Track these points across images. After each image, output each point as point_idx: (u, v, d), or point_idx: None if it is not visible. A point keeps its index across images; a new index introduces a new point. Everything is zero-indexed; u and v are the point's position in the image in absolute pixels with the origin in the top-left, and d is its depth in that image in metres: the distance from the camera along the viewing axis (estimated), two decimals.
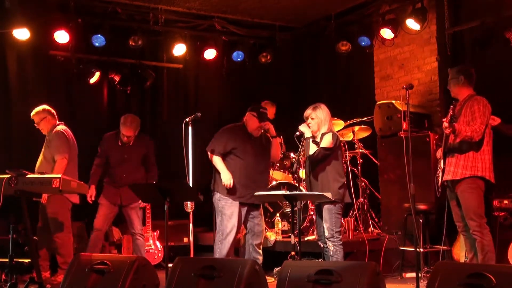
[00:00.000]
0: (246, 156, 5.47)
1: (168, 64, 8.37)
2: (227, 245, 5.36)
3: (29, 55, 7.34)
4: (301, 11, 8.05)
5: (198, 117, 5.49)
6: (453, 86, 5.15)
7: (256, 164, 5.51)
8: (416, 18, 6.89)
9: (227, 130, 5.59)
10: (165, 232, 4.62)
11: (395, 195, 6.73)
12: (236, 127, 5.62)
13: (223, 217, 5.42)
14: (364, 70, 8.09)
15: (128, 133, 6.12)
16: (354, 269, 3.49)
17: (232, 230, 5.37)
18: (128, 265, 3.96)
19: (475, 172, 4.88)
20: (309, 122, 5.24)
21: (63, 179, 4.87)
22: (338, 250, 5.11)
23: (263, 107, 5.70)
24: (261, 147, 5.60)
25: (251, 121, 5.54)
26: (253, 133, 5.54)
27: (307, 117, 5.26)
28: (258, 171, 5.53)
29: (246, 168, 5.45)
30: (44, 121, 6.06)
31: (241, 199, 5.42)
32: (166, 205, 4.57)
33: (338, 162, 5.25)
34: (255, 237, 5.54)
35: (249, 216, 5.54)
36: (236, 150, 5.47)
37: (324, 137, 5.14)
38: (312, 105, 5.32)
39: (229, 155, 5.49)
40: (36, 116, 6.08)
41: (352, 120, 7.01)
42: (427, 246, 6.03)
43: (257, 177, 5.51)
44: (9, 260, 4.86)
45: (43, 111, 6.09)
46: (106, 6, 7.64)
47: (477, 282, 3.11)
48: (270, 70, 8.75)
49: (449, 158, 5.01)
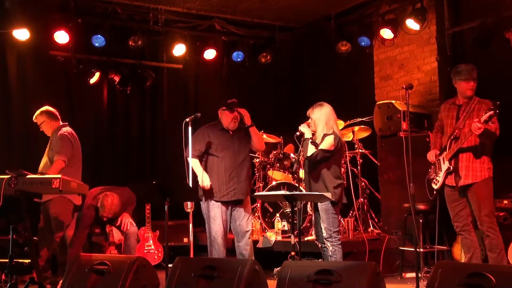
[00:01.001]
0: (223, 153, 5.41)
1: (168, 64, 8.37)
2: (216, 247, 5.32)
3: (29, 55, 7.35)
4: (301, 11, 8.05)
5: (198, 117, 5.48)
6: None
7: (234, 158, 5.43)
8: (416, 18, 6.89)
9: (198, 131, 5.52)
10: (165, 232, 4.62)
11: (395, 195, 6.73)
12: (211, 126, 5.56)
13: (208, 219, 5.40)
14: (364, 70, 8.10)
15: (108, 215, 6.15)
16: (354, 269, 3.49)
17: (218, 232, 5.32)
18: (128, 265, 3.97)
19: (491, 173, 5.05)
20: (309, 121, 5.24)
21: (63, 180, 4.87)
22: (337, 250, 5.08)
23: (231, 99, 5.58)
24: (239, 140, 5.51)
25: (224, 116, 5.48)
26: (229, 127, 5.46)
27: (308, 116, 5.26)
28: (236, 164, 5.43)
29: (224, 165, 5.38)
30: (45, 124, 6.04)
31: (222, 198, 5.36)
32: (166, 205, 4.57)
33: (337, 164, 5.21)
34: (239, 238, 5.47)
35: (231, 217, 5.45)
36: (212, 149, 5.43)
37: (325, 138, 5.08)
38: (316, 103, 5.30)
39: (206, 156, 5.46)
40: (37, 119, 6.08)
41: (352, 120, 7.01)
42: (427, 246, 6.03)
43: (236, 171, 5.41)
44: (9, 260, 4.86)
45: (41, 114, 6.04)
46: (106, 6, 7.65)
47: (477, 282, 3.11)
48: (270, 70, 8.75)
49: (464, 162, 5.06)
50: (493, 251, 4.93)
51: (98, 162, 7.79)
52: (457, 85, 5.21)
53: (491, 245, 4.95)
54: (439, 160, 5.28)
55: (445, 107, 5.38)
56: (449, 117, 5.28)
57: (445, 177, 5.18)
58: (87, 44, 7.48)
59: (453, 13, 7.00)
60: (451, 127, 5.22)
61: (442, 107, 5.43)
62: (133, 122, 8.35)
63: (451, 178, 5.16)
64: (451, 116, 5.26)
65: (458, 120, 5.16)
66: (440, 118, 5.42)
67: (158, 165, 8.19)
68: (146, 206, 7.09)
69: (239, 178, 5.43)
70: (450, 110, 5.30)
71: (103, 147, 7.96)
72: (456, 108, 5.24)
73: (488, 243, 4.99)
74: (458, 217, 5.15)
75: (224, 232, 5.38)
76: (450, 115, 5.28)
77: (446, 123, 5.31)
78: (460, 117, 5.15)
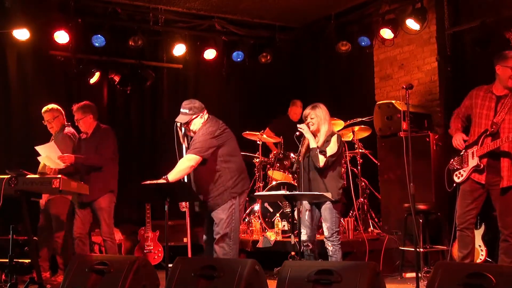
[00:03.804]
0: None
1: (168, 64, 8.38)
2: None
3: (29, 55, 7.35)
4: (301, 11, 8.05)
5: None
6: None
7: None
8: (416, 18, 6.89)
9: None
10: (165, 232, 4.61)
11: (395, 195, 6.73)
12: None
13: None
14: (364, 70, 8.10)
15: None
16: (354, 269, 3.48)
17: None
18: (128, 265, 3.96)
19: None
20: (308, 121, 5.23)
21: (63, 179, 4.88)
22: (337, 250, 5.12)
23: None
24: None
25: None
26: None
27: (306, 117, 5.24)
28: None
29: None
30: (57, 120, 6.10)
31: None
32: (166, 205, 4.56)
33: (339, 164, 5.31)
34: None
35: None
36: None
37: (329, 145, 5.12)
38: (311, 105, 5.31)
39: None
40: (49, 113, 6.09)
41: (352, 120, 7.00)
42: (427, 246, 6.03)
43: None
44: (9, 260, 4.87)
45: (57, 110, 6.12)
46: (106, 6, 7.65)
47: (477, 282, 3.11)
48: (270, 70, 8.75)
49: (506, 163, 4.69)
50: (508, 256, 4.76)
51: None
52: (500, 71, 4.73)
53: (508, 250, 4.76)
54: (467, 153, 4.86)
55: (478, 94, 4.86)
56: (484, 107, 4.79)
57: (470, 173, 4.84)
58: (87, 44, 7.48)
59: (453, 13, 6.99)
60: (487, 120, 4.75)
61: (474, 93, 4.89)
62: (133, 122, 8.36)
63: (481, 175, 4.78)
64: (488, 106, 4.77)
65: (496, 113, 4.71)
66: (469, 105, 4.91)
67: (158, 165, 8.19)
68: (146, 206, 7.09)
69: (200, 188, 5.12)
70: (486, 99, 4.80)
71: None
72: (495, 98, 4.76)
73: (505, 247, 4.79)
74: (467, 215, 4.89)
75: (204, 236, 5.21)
76: (487, 105, 4.78)
77: (480, 113, 4.81)
78: (499, 110, 4.69)
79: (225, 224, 4.82)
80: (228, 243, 4.82)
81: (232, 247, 4.83)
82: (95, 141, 5.81)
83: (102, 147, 5.76)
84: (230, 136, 4.97)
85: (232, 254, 4.82)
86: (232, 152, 4.95)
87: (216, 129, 4.85)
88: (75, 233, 5.75)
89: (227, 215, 4.82)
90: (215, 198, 4.84)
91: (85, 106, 5.88)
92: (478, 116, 4.84)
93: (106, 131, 5.92)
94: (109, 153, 5.78)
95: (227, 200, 4.84)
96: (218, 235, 4.81)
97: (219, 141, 4.84)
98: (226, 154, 4.89)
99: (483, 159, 4.78)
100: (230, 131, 4.99)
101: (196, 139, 4.84)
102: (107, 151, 5.77)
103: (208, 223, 5.02)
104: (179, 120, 4.92)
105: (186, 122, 4.90)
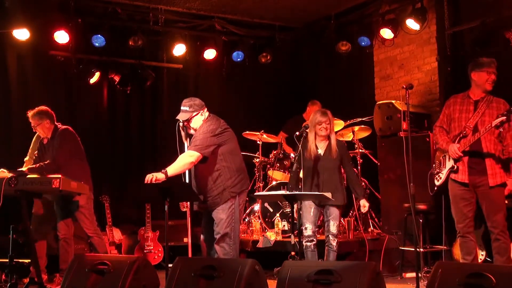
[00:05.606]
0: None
1: (168, 64, 8.37)
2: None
3: (29, 55, 7.35)
4: (301, 11, 8.05)
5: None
6: None
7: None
8: (416, 18, 6.89)
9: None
10: (165, 232, 4.61)
11: (395, 195, 6.73)
12: None
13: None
14: (364, 70, 8.10)
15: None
16: (354, 269, 3.49)
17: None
18: (128, 265, 3.96)
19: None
20: (323, 126, 5.38)
21: (63, 179, 4.87)
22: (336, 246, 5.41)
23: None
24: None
25: None
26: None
27: (321, 123, 5.37)
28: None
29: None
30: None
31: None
32: (166, 205, 4.56)
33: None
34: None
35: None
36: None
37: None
38: (318, 111, 5.49)
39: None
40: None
41: (352, 120, 7.01)
42: (427, 246, 6.03)
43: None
44: (9, 260, 4.87)
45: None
46: (106, 6, 7.65)
47: (477, 282, 3.11)
48: (270, 70, 8.75)
49: (488, 162, 4.78)
50: (501, 255, 4.78)
51: (98, 162, 7.78)
52: (476, 77, 4.90)
53: (500, 249, 4.78)
54: (444, 157, 5.03)
55: (456, 101, 4.99)
56: (463, 111, 4.91)
57: (448, 174, 4.95)
58: (87, 44, 7.48)
59: (453, 13, 6.99)
60: (466, 121, 4.87)
61: (452, 101, 5.03)
62: (133, 122, 8.35)
63: (464, 175, 4.84)
64: (467, 109, 4.90)
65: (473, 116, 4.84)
66: (448, 113, 5.03)
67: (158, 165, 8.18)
68: (146, 206, 7.09)
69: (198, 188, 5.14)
70: (464, 104, 4.93)
71: (103, 147, 7.95)
72: (473, 102, 4.90)
73: (497, 246, 4.81)
74: (465, 218, 4.90)
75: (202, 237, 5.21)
76: (465, 109, 4.91)
77: (460, 117, 4.93)
78: (475, 114, 4.82)
79: (225, 224, 4.82)
80: (228, 242, 4.82)
81: (232, 247, 4.84)
82: (54, 145, 5.76)
83: (56, 152, 5.69)
84: (231, 136, 4.98)
85: (233, 254, 4.82)
86: (232, 151, 4.95)
87: (217, 127, 4.86)
88: (61, 234, 5.75)
89: (227, 215, 4.82)
90: (215, 197, 4.84)
91: (40, 112, 5.78)
92: (457, 120, 4.96)
93: (61, 133, 5.80)
94: (62, 156, 5.66)
95: (227, 200, 4.84)
96: (218, 235, 4.82)
97: (219, 139, 4.84)
98: (227, 153, 4.89)
99: (464, 157, 4.84)
100: (231, 130, 5.00)
101: (197, 137, 4.85)
102: (59, 155, 5.65)
103: (206, 222, 5.02)
104: (179, 117, 4.94)
105: (187, 120, 4.91)
